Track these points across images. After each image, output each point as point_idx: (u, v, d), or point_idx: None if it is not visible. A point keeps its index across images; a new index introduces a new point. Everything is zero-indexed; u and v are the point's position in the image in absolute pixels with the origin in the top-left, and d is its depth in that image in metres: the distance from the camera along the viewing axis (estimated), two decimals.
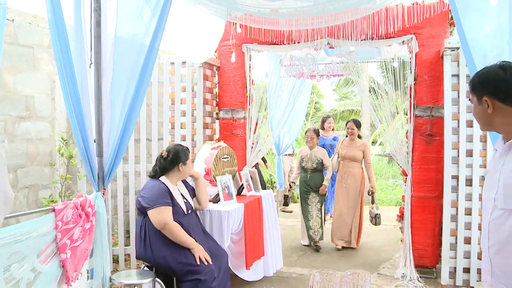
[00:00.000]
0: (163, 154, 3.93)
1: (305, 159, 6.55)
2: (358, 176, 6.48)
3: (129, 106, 3.22)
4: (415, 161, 5.21)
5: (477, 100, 2.03)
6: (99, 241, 3.14)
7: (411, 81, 5.17)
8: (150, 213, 3.69)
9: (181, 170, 3.94)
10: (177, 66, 5.50)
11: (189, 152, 4.06)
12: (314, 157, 6.49)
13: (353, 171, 6.47)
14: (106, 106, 3.22)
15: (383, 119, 5.44)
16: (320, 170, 6.53)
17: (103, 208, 3.18)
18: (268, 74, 6.43)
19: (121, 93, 3.23)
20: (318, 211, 6.47)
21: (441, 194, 4.87)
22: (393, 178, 13.91)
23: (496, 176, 1.98)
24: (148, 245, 3.73)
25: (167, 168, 3.90)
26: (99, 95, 3.18)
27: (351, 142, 6.57)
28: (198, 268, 3.63)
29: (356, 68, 5.78)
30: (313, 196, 6.49)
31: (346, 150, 6.52)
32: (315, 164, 6.47)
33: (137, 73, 3.21)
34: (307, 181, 6.51)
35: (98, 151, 3.23)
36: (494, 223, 1.98)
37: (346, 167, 6.51)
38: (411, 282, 4.93)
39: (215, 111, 6.08)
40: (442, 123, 4.87)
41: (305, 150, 6.66)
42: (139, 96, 3.26)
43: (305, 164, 6.52)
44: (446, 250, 4.78)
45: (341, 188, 6.55)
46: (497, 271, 1.98)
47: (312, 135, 6.55)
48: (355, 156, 6.45)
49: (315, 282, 1.87)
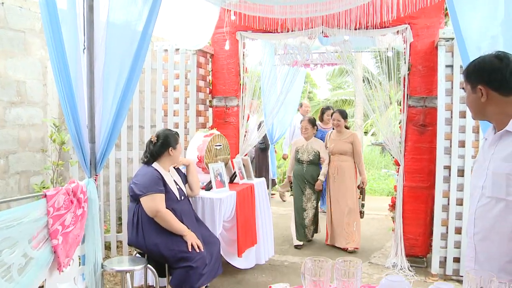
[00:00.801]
0: (152, 139, 3.94)
1: (300, 151, 6.12)
2: (350, 170, 5.98)
3: (121, 92, 3.20)
4: (408, 151, 5.23)
5: (471, 88, 2.04)
6: (91, 227, 3.13)
7: (405, 71, 5.17)
8: (143, 200, 3.69)
9: (172, 154, 3.94)
10: (171, 53, 5.47)
11: (178, 136, 4.07)
12: (311, 149, 6.07)
13: (344, 165, 5.97)
14: (98, 92, 3.20)
15: (376, 109, 5.45)
16: (316, 163, 6.10)
17: (95, 194, 3.17)
18: (262, 62, 6.40)
19: (113, 80, 3.21)
20: (313, 208, 6.07)
21: (433, 184, 4.90)
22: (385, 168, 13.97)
23: (485, 164, 2.00)
24: (141, 232, 3.74)
25: (157, 153, 3.90)
26: (92, 81, 3.16)
27: (338, 134, 6.09)
28: (189, 255, 3.65)
29: (350, 57, 5.77)
30: (309, 192, 6.06)
31: (334, 144, 6.05)
32: (311, 156, 6.04)
33: (130, 59, 3.19)
34: (303, 174, 6.07)
35: (90, 137, 3.21)
36: (480, 210, 2.00)
37: (336, 161, 6.01)
38: (401, 271, 4.98)
39: (208, 98, 6.06)
40: (435, 113, 4.89)
41: (300, 141, 6.26)
42: (132, 83, 3.24)
43: (301, 156, 6.09)
44: (437, 239, 4.82)
45: (333, 185, 6.05)
46: (481, 257, 2.00)
47: (306, 125, 6.11)
48: (344, 149, 5.96)
49: (306, 269, 1.89)
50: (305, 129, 6.12)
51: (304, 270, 1.90)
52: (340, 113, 6.10)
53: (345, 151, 5.97)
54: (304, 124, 6.15)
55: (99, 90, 3.20)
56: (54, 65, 2.89)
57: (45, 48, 4.69)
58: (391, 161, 13.48)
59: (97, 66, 3.17)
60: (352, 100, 19.35)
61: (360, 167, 6.03)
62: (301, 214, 6.06)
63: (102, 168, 3.40)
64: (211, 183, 4.56)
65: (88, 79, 3.15)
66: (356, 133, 6.39)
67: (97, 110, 3.22)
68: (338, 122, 6.03)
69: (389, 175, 12.67)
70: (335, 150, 6.02)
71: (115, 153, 5.23)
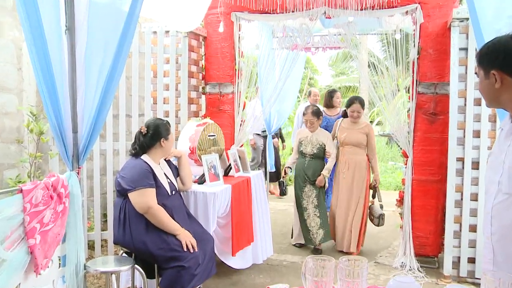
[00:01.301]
0: (142, 130, 3.90)
1: (304, 142, 5.81)
2: (363, 165, 5.68)
3: (106, 78, 3.16)
4: (417, 142, 5.21)
5: (484, 73, 1.98)
6: (73, 225, 3.10)
7: (414, 55, 5.14)
8: (132, 196, 3.67)
9: (164, 146, 3.92)
10: (160, 36, 5.42)
11: (170, 126, 4.05)
12: (315, 141, 5.75)
13: (356, 159, 5.68)
14: (81, 78, 3.15)
15: (382, 97, 5.43)
16: (321, 157, 5.80)
17: (78, 188, 3.14)
18: (259, 46, 6.38)
19: (96, 64, 3.16)
20: (315, 208, 5.70)
21: (445, 177, 4.89)
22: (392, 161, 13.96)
23: (501, 157, 1.95)
24: (128, 229, 3.72)
25: (148, 145, 3.88)
26: (73, 65, 3.10)
27: (352, 123, 5.78)
28: (181, 254, 3.63)
29: (354, 41, 5.74)
30: (309, 189, 5.73)
31: (346, 133, 5.72)
32: (315, 149, 5.72)
33: (115, 42, 3.14)
34: (305, 169, 5.77)
35: (73, 127, 3.17)
36: (497, 207, 1.95)
37: (347, 154, 5.71)
38: (411, 272, 4.97)
39: (201, 85, 6.03)
40: (447, 101, 4.86)
41: (304, 131, 5.96)
42: (118, 68, 3.20)
43: (304, 148, 5.78)
44: (449, 238, 4.81)
45: (340, 180, 5.74)
46: (500, 259, 1.96)
47: (311, 118, 5.77)
48: (358, 141, 5.67)
49: (307, 269, 1.88)
50: (310, 124, 5.79)
51: (305, 270, 1.89)
52: (360, 103, 5.75)
53: (359, 143, 5.69)
54: (308, 117, 5.79)
55: (81, 75, 3.15)
56: (31, 47, 2.83)
57: (19, 28, 4.63)
58: (398, 152, 13.47)
59: (79, 49, 3.12)
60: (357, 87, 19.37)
61: (374, 162, 5.78)
62: (302, 214, 5.78)
63: (86, 161, 3.38)
64: (204, 176, 4.54)
65: (70, 63, 3.09)
66: (370, 124, 6.01)
67: (79, 97, 3.17)
68: (358, 114, 5.74)
69: (396, 167, 12.67)
70: (347, 141, 5.72)
71: (100, 144, 5.20)
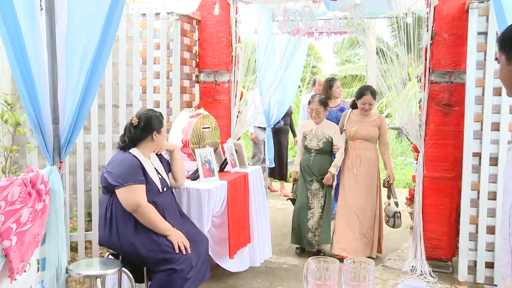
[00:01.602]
0: (133, 122, 3.87)
1: (308, 136, 5.64)
2: (374, 161, 5.56)
3: (90, 64, 3.10)
4: (429, 136, 5.20)
5: (506, 59, 1.95)
6: (54, 224, 3.06)
7: (427, 40, 5.12)
8: (119, 193, 3.65)
9: (155, 140, 3.91)
10: (150, 18, 5.38)
11: (163, 118, 4.03)
12: (321, 134, 5.57)
13: (367, 154, 5.52)
14: (61, 63, 3.10)
15: (392, 87, 5.41)
16: (328, 152, 5.63)
17: (59, 185, 3.09)
18: (258, 31, 6.34)
19: (79, 49, 3.11)
20: (321, 208, 5.56)
21: (460, 174, 4.86)
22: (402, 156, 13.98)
23: None
24: (114, 229, 3.70)
25: (138, 138, 3.86)
26: (53, 49, 3.04)
27: (363, 115, 5.59)
28: (172, 256, 3.62)
29: (362, 25, 5.70)
30: (316, 188, 5.57)
31: (357, 126, 5.53)
32: (321, 144, 5.55)
33: (99, 24, 3.08)
34: (310, 166, 5.62)
35: (53, 117, 3.12)
36: None
37: (357, 149, 5.52)
38: (422, 277, 4.96)
39: (195, 73, 6.01)
40: (463, 90, 4.82)
41: (308, 124, 5.78)
42: (103, 53, 3.15)
43: (309, 142, 5.61)
44: (464, 240, 4.78)
45: (349, 178, 5.56)
46: None
47: (317, 107, 5.57)
48: (370, 134, 5.50)
49: (310, 271, 1.87)
50: (316, 113, 5.58)
51: (307, 272, 1.89)
52: (372, 94, 5.50)
53: (371, 137, 5.52)
54: (314, 106, 5.58)
55: (62, 61, 3.10)
56: (1, 28, 2.77)
57: None
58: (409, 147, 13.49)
59: (59, 31, 3.06)
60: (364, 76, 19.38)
61: (387, 158, 5.66)
62: (304, 213, 5.57)
63: (68, 154, 3.34)
64: (198, 172, 4.52)
65: (49, 47, 3.03)
66: (383, 116, 5.67)
67: (60, 84, 3.12)
68: (370, 106, 5.52)
69: (406, 163, 12.70)
70: (358, 135, 5.53)
71: (84, 136, 5.17)
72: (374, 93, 5.56)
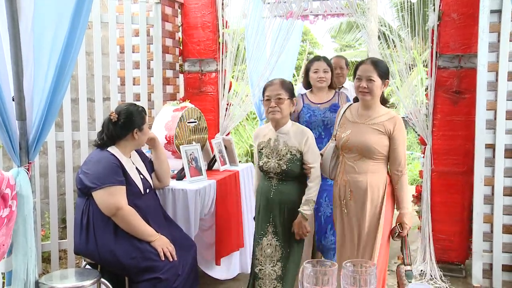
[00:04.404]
0: (112, 117, 3.86)
1: (265, 151, 3.87)
2: (377, 192, 3.69)
3: (61, 53, 3.09)
4: (437, 127, 5.20)
5: None
6: (22, 233, 3.05)
7: (434, 21, 5.11)
8: (97, 195, 3.64)
9: (137, 138, 3.91)
10: (126, 2, 5.34)
11: (145, 114, 4.02)
12: (283, 145, 3.80)
13: (363, 180, 3.67)
14: (27, 52, 3.08)
15: (396, 73, 5.40)
16: (298, 177, 3.85)
17: (28, 188, 3.08)
18: (247, 14, 6.33)
19: (47, 35, 3.10)
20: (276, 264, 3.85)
21: (471, 168, 4.85)
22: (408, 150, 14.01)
23: None
24: (92, 235, 3.69)
25: (118, 135, 3.85)
26: (16, 37, 3.03)
27: (363, 112, 3.76)
28: (157, 264, 3.62)
29: (361, 6, 5.73)
30: (274, 234, 3.85)
31: (351, 130, 3.74)
32: (285, 163, 3.76)
33: (69, 7, 3.06)
34: (269, 199, 3.86)
35: (19, 113, 3.11)
36: None
37: (348, 170, 3.75)
38: (432, 281, 4.97)
39: (178, 62, 6.05)
40: (474, 76, 4.81)
41: (264, 130, 4.01)
42: (75, 41, 3.13)
43: (265, 161, 3.84)
44: (478, 241, 4.78)
45: (340, 218, 3.86)
46: None
47: (278, 93, 3.76)
48: (369, 145, 3.62)
49: (306, 276, 1.91)
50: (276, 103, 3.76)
51: (303, 277, 1.90)
52: (373, 64, 3.66)
53: (370, 150, 3.64)
54: (273, 92, 3.79)
55: (28, 50, 3.08)
56: None
57: None
58: (415, 139, 13.52)
59: (23, 17, 3.04)
60: None
61: (401, 190, 3.73)
62: (254, 262, 3.98)
63: (38, 154, 3.32)
64: (184, 171, 4.53)
65: (11, 34, 3.01)
66: (398, 116, 3.77)
67: (26, 76, 3.11)
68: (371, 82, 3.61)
69: (413, 158, 12.73)
70: (350, 145, 3.71)
71: (56, 134, 5.12)
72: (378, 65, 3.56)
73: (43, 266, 5.16)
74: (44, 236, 5.28)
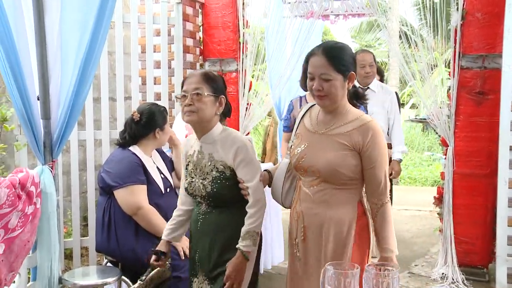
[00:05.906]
0: (134, 117, 3.88)
1: (189, 166, 3.05)
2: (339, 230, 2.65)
3: (85, 53, 3.14)
4: (460, 128, 5.16)
5: None
6: (46, 230, 3.09)
7: (457, 21, 5.05)
8: (119, 194, 3.66)
9: (158, 138, 3.92)
10: (148, 2, 5.37)
11: (167, 114, 4.03)
12: (208, 160, 2.93)
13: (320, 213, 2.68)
14: (54, 53, 3.14)
15: (417, 74, 5.38)
16: (233, 202, 2.93)
17: (52, 186, 3.13)
18: (268, 14, 6.33)
19: (74, 36, 3.14)
20: None
21: (495, 170, 4.79)
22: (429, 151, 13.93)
23: None
24: (113, 234, 3.72)
25: (139, 134, 3.87)
26: (42, 36, 3.08)
27: (325, 115, 2.74)
28: (177, 262, 3.63)
29: (382, 6, 5.69)
30: (206, 277, 2.98)
31: (307, 142, 2.76)
32: (209, 182, 2.89)
33: (94, 8, 3.11)
34: (197, 230, 3.03)
35: (44, 112, 3.17)
36: None
37: (304, 197, 2.77)
38: (454, 285, 4.92)
39: (199, 61, 6.04)
40: (498, 76, 4.74)
41: (192, 139, 3.12)
42: (98, 41, 3.18)
43: (188, 180, 3.02)
44: (502, 245, 4.70)
45: (292, 263, 2.88)
46: None
47: (197, 86, 2.85)
48: (330, 167, 2.61)
49: (327, 278, 1.87)
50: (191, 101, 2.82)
51: (324, 279, 1.88)
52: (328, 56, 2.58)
53: (334, 173, 2.62)
54: (190, 86, 2.85)
55: (55, 50, 3.13)
56: None
57: None
58: (436, 141, 13.43)
59: (50, 18, 3.08)
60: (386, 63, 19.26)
61: (382, 222, 2.64)
62: None
63: (61, 153, 3.35)
64: None
65: (38, 35, 3.06)
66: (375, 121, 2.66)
67: (52, 76, 3.17)
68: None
69: (434, 159, 12.68)
70: (305, 164, 2.71)
71: (78, 133, 5.15)
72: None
73: (66, 262, 5.20)
74: (66, 233, 5.31)
